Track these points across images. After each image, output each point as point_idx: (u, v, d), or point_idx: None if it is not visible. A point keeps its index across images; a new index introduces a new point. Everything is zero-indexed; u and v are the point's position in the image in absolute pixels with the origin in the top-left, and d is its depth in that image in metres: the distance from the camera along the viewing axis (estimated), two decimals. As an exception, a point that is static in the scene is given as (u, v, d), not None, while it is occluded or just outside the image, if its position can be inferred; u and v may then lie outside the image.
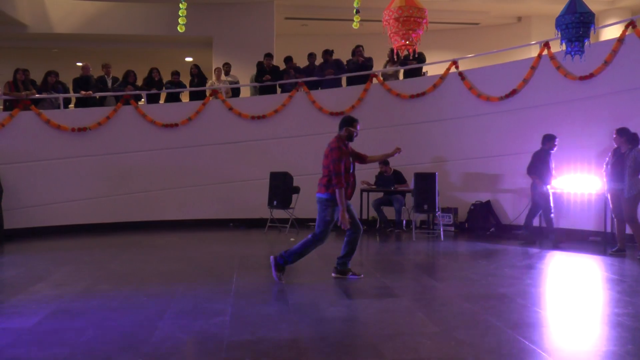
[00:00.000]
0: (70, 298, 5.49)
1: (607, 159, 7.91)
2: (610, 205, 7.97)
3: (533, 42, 11.91)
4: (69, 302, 5.32)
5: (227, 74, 11.84)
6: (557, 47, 8.16)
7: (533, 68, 9.77)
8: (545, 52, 9.63)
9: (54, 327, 4.54)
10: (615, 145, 7.80)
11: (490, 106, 10.27)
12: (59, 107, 10.79)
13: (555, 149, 8.77)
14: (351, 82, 11.40)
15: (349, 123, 6.30)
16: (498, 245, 8.80)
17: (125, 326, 4.54)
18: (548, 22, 10.92)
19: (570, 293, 5.89)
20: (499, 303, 5.20)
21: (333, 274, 6.39)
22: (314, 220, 10.67)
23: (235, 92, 11.77)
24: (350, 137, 6.29)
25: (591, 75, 8.99)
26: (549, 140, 8.77)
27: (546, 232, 8.94)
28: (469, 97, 10.47)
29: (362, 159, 6.52)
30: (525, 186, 9.79)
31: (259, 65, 11.52)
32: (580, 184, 8.99)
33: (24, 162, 10.25)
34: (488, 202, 10.21)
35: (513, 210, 10.04)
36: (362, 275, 6.37)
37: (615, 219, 7.97)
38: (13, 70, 10.50)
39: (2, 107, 10.85)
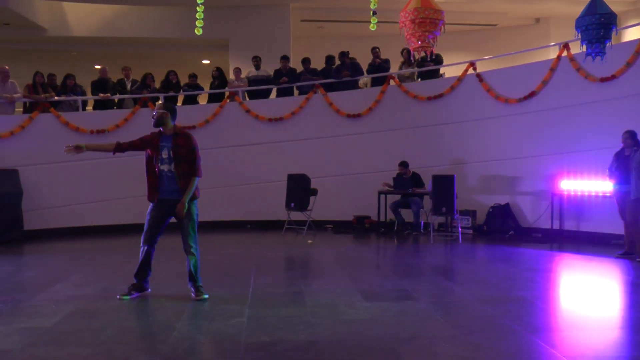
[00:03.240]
0: (88, 299, 5.52)
1: (611, 162, 7.86)
2: (618, 208, 7.90)
3: (552, 44, 11.82)
4: (87, 303, 5.35)
5: (257, 68, 11.81)
6: (577, 48, 8.08)
7: (552, 70, 9.66)
8: (564, 53, 9.53)
9: (73, 328, 4.56)
10: (622, 147, 7.74)
11: (509, 108, 10.18)
12: (77, 110, 10.88)
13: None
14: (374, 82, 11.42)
15: None
16: (517, 248, 8.70)
17: (143, 327, 4.57)
18: (567, 23, 10.81)
19: (591, 297, 5.81)
20: (517, 306, 5.15)
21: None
22: (331, 222, 10.83)
23: (261, 92, 11.65)
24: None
25: (612, 77, 8.88)
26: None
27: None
28: (487, 99, 10.38)
29: None
30: (544, 189, 9.70)
31: (277, 72, 11.51)
32: (601, 186, 8.87)
33: (43, 163, 10.34)
34: (507, 205, 10.11)
35: (532, 213, 9.93)
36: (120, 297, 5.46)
37: (624, 222, 7.85)
38: (32, 73, 10.61)
39: (22, 109, 10.97)
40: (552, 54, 10.72)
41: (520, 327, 4.46)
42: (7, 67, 10.49)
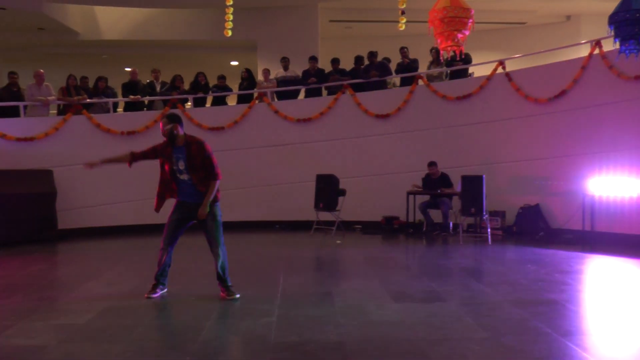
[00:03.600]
0: (120, 297, 5.62)
1: None
2: None
3: (583, 41, 11.60)
4: (119, 301, 5.45)
5: (285, 68, 11.85)
6: (609, 45, 7.94)
7: (583, 68, 9.51)
8: (596, 51, 9.36)
9: (105, 325, 4.65)
10: None
11: (538, 107, 10.05)
12: (108, 112, 11.06)
13: None
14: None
15: None
16: (547, 249, 8.57)
17: (173, 325, 4.63)
18: (598, 20, 10.62)
19: (624, 300, 5.69)
20: (549, 309, 5.07)
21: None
22: (359, 222, 10.83)
23: (290, 92, 11.65)
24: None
25: (647, 75, 8.70)
26: None
27: None
28: (516, 99, 10.26)
29: None
30: (575, 189, 9.53)
31: (305, 73, 11.52)
32: (634, 187, 8.70)
33: (76, 164, 10.48)
34: (537, 206, 9.98)
35: (563, 214, 9.77)
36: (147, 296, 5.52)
37: None
38: (66, 76, 10.83)
39: (55, 111, 11.19)
40: (583, 52, 10.53)
41: (551, 330, 4.39)
42: (42, 70, 10.72)
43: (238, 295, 5.44)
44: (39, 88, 10.53)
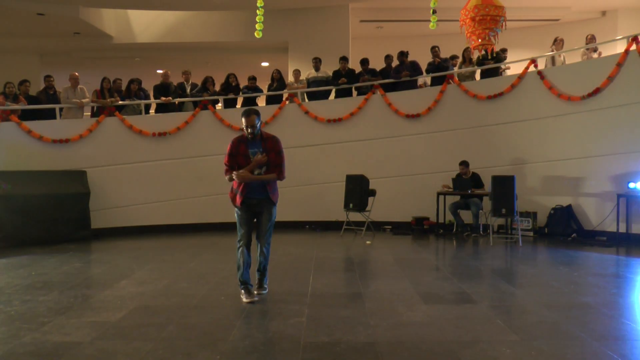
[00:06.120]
0: (151, 295, 5.70)
1: None
2: None
3: (619, 37, 11.36)
4: (150, 299, 5.53)
5: (317, 69, 11.86)
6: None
7: (619, 65, 9.31)
8: (633, 47, 9.15)
9: (137, 323, 4.73)
10: None
11: (572, 106, 9.88)
12: (140, 113, 11.23)
13: None
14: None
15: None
16: (580, 251, 8.43)
17: (204, 324, 4.67)
18: (637, 14, 10.36)
19: (662, 303, 5.57)
20: (582, 313, 4.99)
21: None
22: (389, 223, 10.81)
23: (320, 93, 11.66)
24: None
25: (686, 72, 8.47)
26: None
27: None
28: (548, 97, 10.11)
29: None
30: (609, 190, 9.34)
31: (335, 73, 11.51)
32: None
33: (109, 165, 10.72)
34: (569, 207, 9.81)
35: (596, 215, 9.59)
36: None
37: None
38: (100, 79, 11.02)
39: (89, 113, 11.40)
40: (620, 48, 10.31)
41: (585, 335, 4.32)
42: (77, 73, 10.92)
43: (265, 292, 5.64)
44: (74, 91, 10.74)
